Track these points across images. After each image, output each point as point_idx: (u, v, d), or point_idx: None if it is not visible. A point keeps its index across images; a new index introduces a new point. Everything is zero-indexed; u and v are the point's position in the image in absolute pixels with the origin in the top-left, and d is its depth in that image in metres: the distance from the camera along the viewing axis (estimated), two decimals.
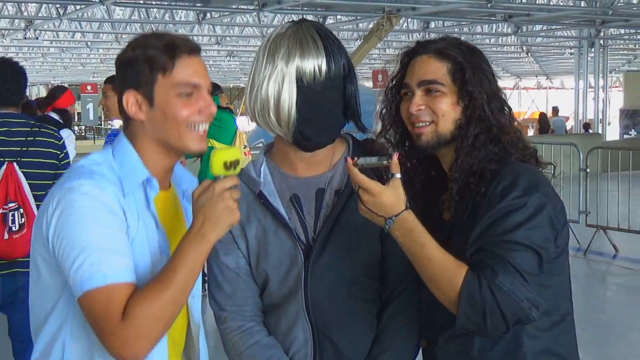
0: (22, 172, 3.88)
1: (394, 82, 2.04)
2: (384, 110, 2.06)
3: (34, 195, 3.85)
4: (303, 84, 1.90)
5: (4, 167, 3.86)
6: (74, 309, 1.77)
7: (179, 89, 1.81)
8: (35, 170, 3.91)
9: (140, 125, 1.84)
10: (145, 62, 1.80)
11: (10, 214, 3.83)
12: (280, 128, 1.93)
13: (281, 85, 1.90)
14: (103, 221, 1.71)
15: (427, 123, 1.95)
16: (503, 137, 1.92)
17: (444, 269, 1.80)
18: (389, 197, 1.80)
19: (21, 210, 3.83)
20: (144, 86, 1.80)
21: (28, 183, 3.87)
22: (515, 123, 2.03)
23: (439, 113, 1.94)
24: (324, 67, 1.90)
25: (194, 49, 1.85)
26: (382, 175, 1.84)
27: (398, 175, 1.81)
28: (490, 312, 1.76)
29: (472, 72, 1.93)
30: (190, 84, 1.82)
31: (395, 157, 1.82)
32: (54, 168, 3.93)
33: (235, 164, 1.77)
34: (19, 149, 3.92)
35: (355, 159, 1.82)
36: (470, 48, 2.00)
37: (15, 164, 3.89)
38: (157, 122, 1.82)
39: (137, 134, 1.85)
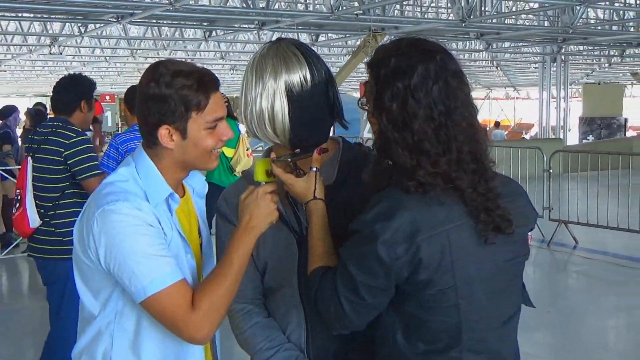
0: (35, 166, 4.19)
1: None
2: None
3: (40, 187, 4.15)
4: (293, 95, 1.90)
5: (25, 160, 4.30)
6: (122, 306, 1.86)
7: (209, 124, 1.85)
8: (42, 165, 4.16)
9: (167, 151, 1.87)
10: (181, 101, 1.81)
11: (16, 198, 4.26)
12: (276, 137, 1.93)
13: (273, 99, 1.90)
14: (146, 234, 1.78)
15: None
16: (391, 153, 1.71)
17: (311, 255, 1.84)
18: (300, 188, 1.87)
19: (19, 198, 4.20)
20: (179, 122, 1.83)
21: (37, 175, 4.17)
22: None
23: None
24: (308, 77, 1.90)
25: (218, 84, 1.89)
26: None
27: (314, 169, 1.87)
28: (314, 305, 1.79)
29: (374, 87, 1.74)
30: (217, 119, 1.87)
31: (316, 153, 1.89)
32: (58, 164, 4.12)
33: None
34: (37, 146, 4.25)
35: (274, 156, 1.91)
36: (391, 55, 1.73)
37: (30, 158, 4.24)
38: (186, 151, 1.87)
39: (162, 157, 1.89)
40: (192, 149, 1.87)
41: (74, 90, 4.33)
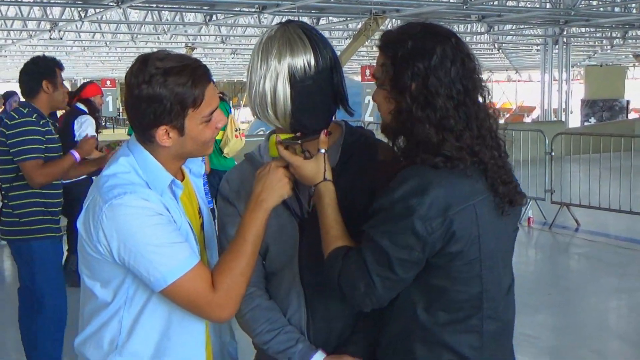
0: None
1: None
2: None
3: (0, 169, 4.12)
4: (295, 79, 1.88)
5: None
6: (133, 292, 1.86)
7: (205, 118, 1.83)
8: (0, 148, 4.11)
9: (164, 148, 1.85)
10: (177, 101, 1.77)
11: None
12: (277, 120, 1.92)
13: (275, 82, 1.88)
14: (158, 224, 1.78)
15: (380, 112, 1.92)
16: (414, 131, 1.77)
17: (327, 236, 1.85)
18: (310, 170, 1.87)
19: None
20: (175, 121, 1.79)
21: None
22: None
23: (377, 105, 1.90)
24: (312, 62, 1.88)
25: (210, 75, 1.86)
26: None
27: (322, 150, 1.88)
28: (338, 287, 1.80)
29: (393, 67, 1.79)
30: (212, 110, 1.85)
31: (323, 135, 1.89)
32: (4, 145, 4.07)
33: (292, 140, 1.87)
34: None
35: (280, 138, 1.89)
36: (408, 37, 1.78)
37: None
38: (184, 146, 1.86)
39: (159, 153, 1.87)
40: (190, 143, 1.85)
41: (34, 72, 4.25)
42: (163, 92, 1.76)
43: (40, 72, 4.23)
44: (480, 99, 1.82)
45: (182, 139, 1.83)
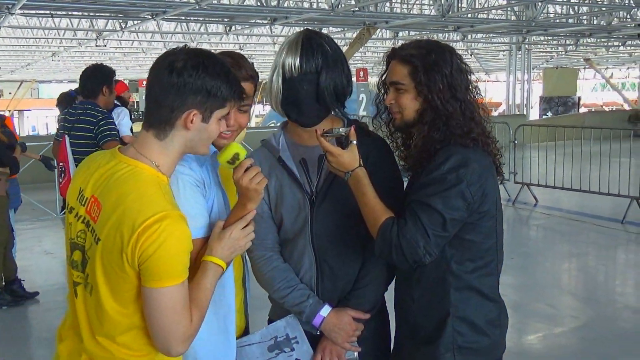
0: (72, 142, 4.34)
1: (382, 79, 2.04)
2: (378, 99, 2.08)
3: (78, 159, 4.26)
4: (285, 75, 1.90)
5: (63, 138, 4.42)
6: None
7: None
8: (77, 141, 4.32)
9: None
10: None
11: (60, 170, 4.43)
12: (275, 108, 1.95)
13: (273, 73, 1.92)
14: (189, 189, 1.77)
15: (397, 112, 1.97)
16: (449, 122, 1.89)
17: (373, 212, 1.87)
18: (347, 158, 1.87)
19: (63, 169, 4.37)
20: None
21: (75, 149, 4.31)
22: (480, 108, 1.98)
23: (402, 106, 1.95)
24: (296, 64, 1.89)
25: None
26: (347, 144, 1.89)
27: (354, 142, 1.88)
28: (395, 248, 1.82)
29: (424, 74, 1.89)
30: None
31: (352, 129, 1.88)
32: (90, 139, 4.27)
33: (235, 157, 1.74)
34: (71, 125, 4.40)
35: (322, 130, 1.87)
36: (428, 50, 1.92)
37: (67, 136, 4.40)
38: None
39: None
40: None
41: (97, 78, 4.47)
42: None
43: (102, 78, 4.49)
44: (474, 96, 1.97)
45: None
